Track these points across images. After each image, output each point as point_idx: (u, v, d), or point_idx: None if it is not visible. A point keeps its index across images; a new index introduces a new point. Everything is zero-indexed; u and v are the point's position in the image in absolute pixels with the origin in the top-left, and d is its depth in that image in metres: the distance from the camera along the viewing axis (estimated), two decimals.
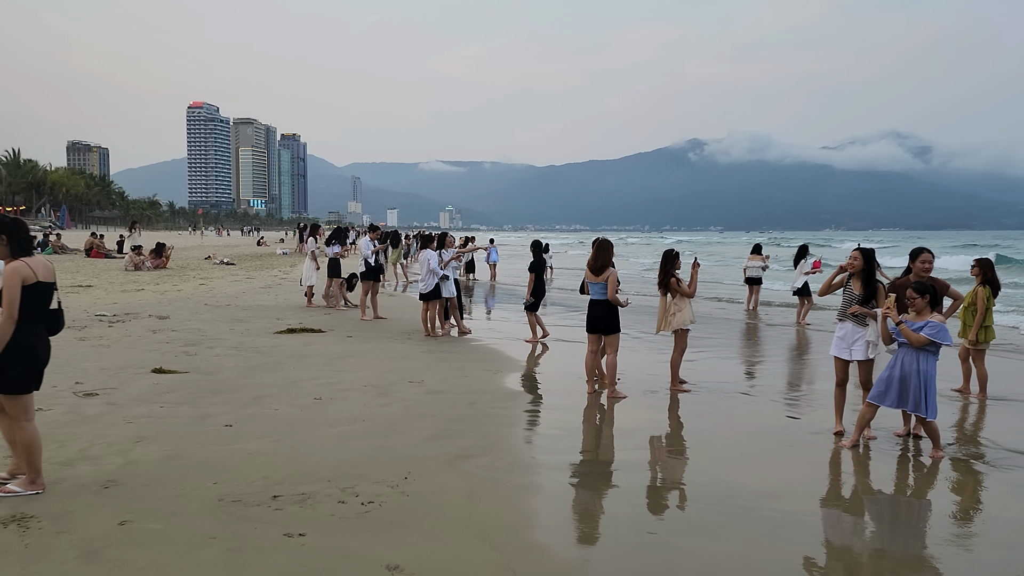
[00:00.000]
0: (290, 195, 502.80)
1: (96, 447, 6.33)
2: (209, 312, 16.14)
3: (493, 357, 11.85)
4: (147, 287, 21.55)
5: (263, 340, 12.53)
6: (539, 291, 13.59)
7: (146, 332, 13.01)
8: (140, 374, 9.40)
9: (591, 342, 9.32)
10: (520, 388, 9.49)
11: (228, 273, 28.23)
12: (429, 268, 13.61)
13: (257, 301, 18.66)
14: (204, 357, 10.78)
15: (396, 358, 11.31)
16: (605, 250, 9.05)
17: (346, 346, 12.25)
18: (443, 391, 9.07)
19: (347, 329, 14.33)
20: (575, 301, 21.71)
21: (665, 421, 8.20)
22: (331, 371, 10.08)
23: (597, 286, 9.03)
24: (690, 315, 9.61)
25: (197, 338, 12.51)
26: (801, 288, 17.12)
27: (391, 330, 14.43)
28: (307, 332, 13.60)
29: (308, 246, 18.03)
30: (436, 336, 13.70)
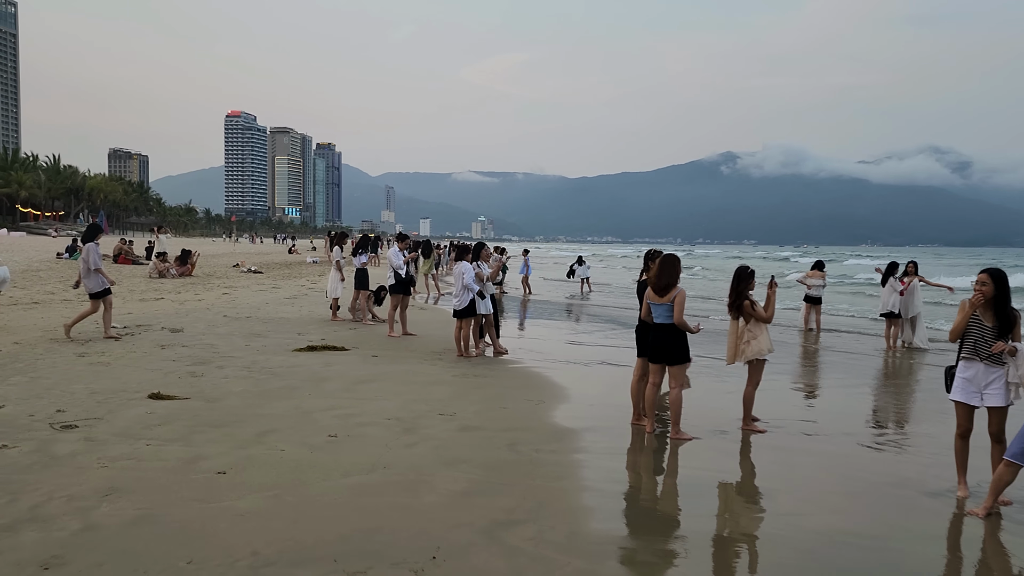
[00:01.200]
0: (324, 204, 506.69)
1: (54, 502, 5.15)
2: (226, 325, 15.05)
3: (533, 383, 10.55)
4: (168, 296, 20.59)
5: (279, 359, 11.37)
6: None
7: (154, 348, 11.91)
8: (134, 400, 8.25)
9: (653, 372, 7.99)
10: (567, 424, 8.18)
11: (254, 282, 27.29)
12: (464, 283, 12.39)
13: (280, 313, 17.56)
14: (211, 379, 9.62)
15: (425, 383, 10.07)
16: (671, 267, 7.74)
17: (370, 367, 11.03)
18: (478, 427, 7.80)
19: (372, 347, 13.14)
20: (615, 316, 20.41)
21: (745, 472, 6.84)
22: (351, 399, 8.86)
23: (661, 308, 7.71)
24: (767, 343, 8.26)
25: (208, 355, 11.38)
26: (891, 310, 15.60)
27: (420, 349, 13.21)
28: (328, 350, 12.42)
29: (334, 255, 16.91)
30: (470, 357, 12.45)
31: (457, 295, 12.53)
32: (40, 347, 11.47)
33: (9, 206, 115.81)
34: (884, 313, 15.72)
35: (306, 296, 22.03)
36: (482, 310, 12.66)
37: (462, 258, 12.74)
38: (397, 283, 14.69)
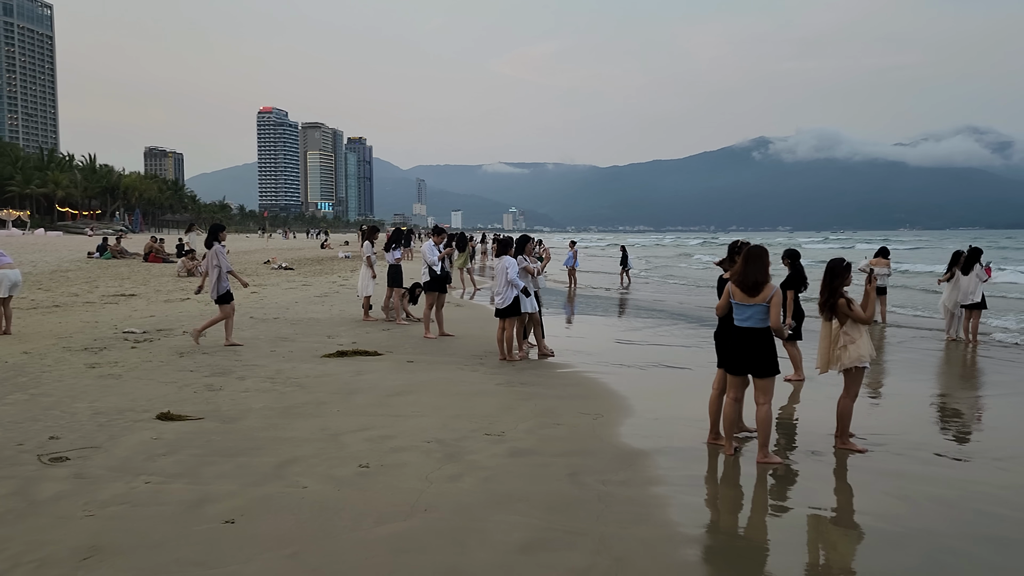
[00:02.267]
0: (356, 198, 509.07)
1: (20, 570, 4.16)
2: (252, 328, 14.13)
3: (587, 391, 9.44)
4: (194, 296, 19.76)
5: (307, 367, 10.38)
6: (799, 314, 10.41)
7: (172, 356, 11.00)
8: (140, 422, 7.28)
9: (733, 386, 6.84)
10: (633, 444, 7.06)
11: (284, 279, 26.48)
12: (508, 278, 11.30)
13: (309, 313, 16.64)
14: (229, 393, 8.65)
15: (467, 394, 9.00)
16: (759, 260, 6.56)
17: (405, 376, 10.00)
18: (532, 451, 6.71)
19: (408, 350, 12.12)
20: (660, 308, 19.20)
21: (851, 506, 5.67)
22: (385, 415, 7.82)
23: (750, 310, 6.54)
24: (868, 347, 7.06)
25: (229, 364, 10.43)
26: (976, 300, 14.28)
27: (459, 351, 12.16)
28: (360, 356, 11.41)
29: (364, 251, 15.90)
30: (514, 361, 11.37)
31: (500, 292, 11.46)
32: (50, 357, 10.60)
33: (47, 206, 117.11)
34: (968, 304, 14.35)
35: (337, 294, 21.11)
36: (527, 308, 11.59)
37: (505, 252, 11.65)
38: (432, 280, 13.67)
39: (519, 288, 11.28)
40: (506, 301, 11.30)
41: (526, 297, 11.48)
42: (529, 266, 11.69)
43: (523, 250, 11.98)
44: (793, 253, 10.56)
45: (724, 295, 6.85)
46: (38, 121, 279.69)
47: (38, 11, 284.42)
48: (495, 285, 11.74)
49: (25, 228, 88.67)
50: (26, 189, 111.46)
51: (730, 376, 6.81)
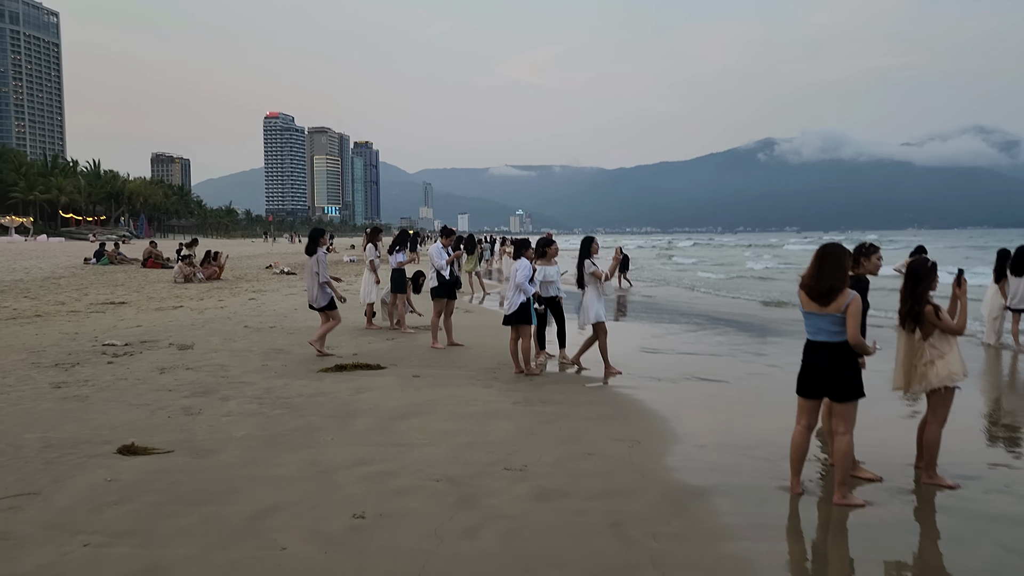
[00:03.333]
0: (363, 202, 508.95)
1: None
2: (245, 338, 13.03)
3: (619, 411, 8.29)
4: (188, 303, 18.71)
5: (300, 384, 9.26)
6: None
7: (151, 372, 9.89)
8: (96, 458, 6.17)
9: (805, 412, 5.68)
10: (685, 480, 5.92)
11: (285, 284, 25.40)
12: (516, 281, 10.18)
13: (308, 321, 15.52)
14: (208, 418, 7.53)
15: (480, 415, 7.87)
16: (836, 262, 5.39)
17: (411, 394, 8.86)
18: (562, 491, 5.58)
19: (413, 362, 11.00)
20: (675, 309, 17.97)
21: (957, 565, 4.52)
22: (386, 445, 6.69)
23: (824, 320, 5.38)
24: (959, 364, 5.90)
25: (213, 382, 9.32)
26: None
27: (470, 364, 11.02)
28: (361, 370, 10.29)
29: (368, 254, 14.77)
30: (531, 374, 10.22)
31: (509, 297, 10.33)
32: (13, 376, 9.50)
33: (50, 212, 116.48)
34: (1018, 307, 13.16)
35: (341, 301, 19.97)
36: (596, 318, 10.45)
37: (521, 254, 10.50)
38: (440, 286, 12.54)
39: (528, 293, 10.13)
40: (512, 306, 10.15)
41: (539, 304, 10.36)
42: (597, 270, 10.48)
43: (545, 254, 10.85)
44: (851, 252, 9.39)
45: None
46: (45, 128, 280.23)
47: (44, 19, 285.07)
48: (506, 289, 10.60)
49: (28, 234, 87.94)
50: (29, 195, 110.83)
51: (801, 399, 5.65)
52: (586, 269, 10.41)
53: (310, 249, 11.81)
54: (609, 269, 10.61)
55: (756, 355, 12.49)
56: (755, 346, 13.59)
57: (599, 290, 10.48)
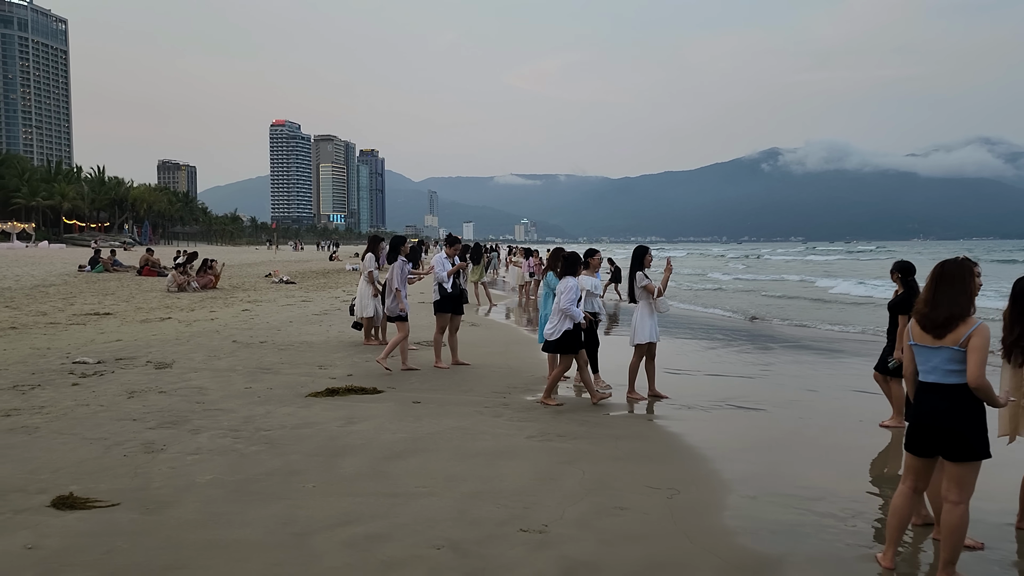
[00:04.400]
0: (368, 210, 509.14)
1: None
2: (231, 356, 11.94)
3: (650, 447, 7.18)
4: (177, 314, 17.64)
5: (285, 412, 8.16)
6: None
7: (119, 396, 8.80)
8: (24, 513, 5.07)
9: (912, 471, 4.49)
10: (746, 546, 4.80)
11: (284, 294, 24.33)
12: (560, 306, 8.76)
13: (303, 335, 14.45)
14: (171, 457, 6.43)
15: (490, 453, 6.76)
16: (958, 285, 4.21)
17: (409, 424, 7.76)
18: (593, 564, 4.46)
19: (414, 385, 9.90)
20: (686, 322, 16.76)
21: None
22: (378, 495, 5.59)
23: (938, 356, 4.20)
24: None
25: (187, 409, 8.22)
26: None
27: (478, 386, 9.91)
28: (354, 394, 9.19)
29: (366, 264, 13.66)
30: (548, 404, 9.01)
31: (555, 322, 8.93)
32: None
33: (53, 218, 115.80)
34: None
35: (338, 312, 18.91)
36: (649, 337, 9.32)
37: (573, 272, 9.05)
38: (442, 299, 11.42)
39: (577, 319, 8.79)
40: (556, 333, 8.88)
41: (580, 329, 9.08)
42: (650, 284, 9.30)
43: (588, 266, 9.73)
44: (906, 267, 8.27)
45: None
46: (52, 135, 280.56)
47: (53, 26, 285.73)
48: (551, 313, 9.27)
49: (30, 240, 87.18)
50: (32, 201, 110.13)
51: (908, 456, 4.49)
52: (638, 282, 9.28)
53: (390, 255, 11.58)
54: (662, 282, 9.49)
55: (789, 376, 11.39)
56: (782, 365, 12.49)
57: (652, 306, 9.35)
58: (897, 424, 8.17)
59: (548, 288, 10.26)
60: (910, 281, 8.19)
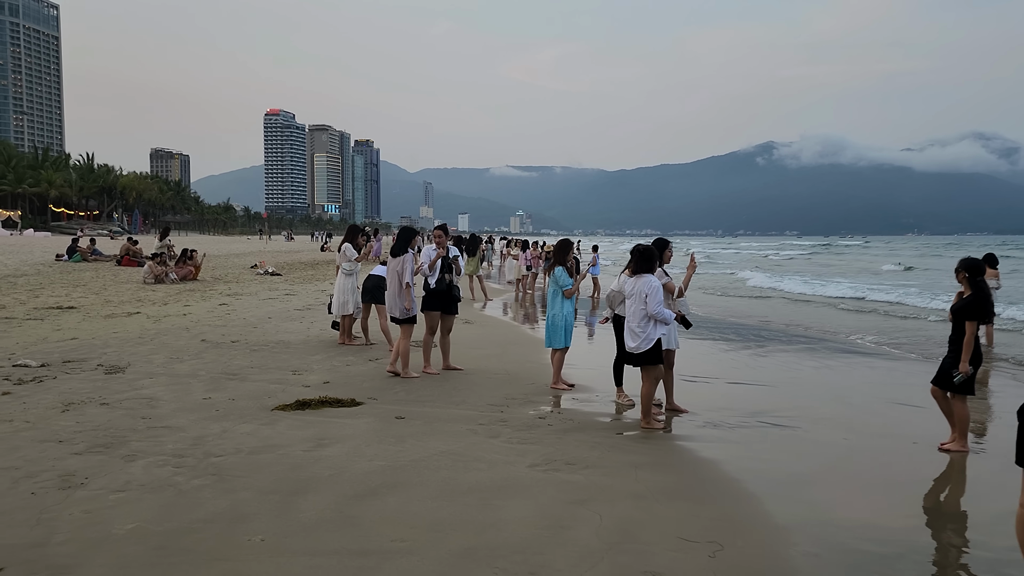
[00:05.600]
0: (363, 200, 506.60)
1: None
2: (198, 357, 10.70)
3: (677, 477, 5.98)
4: (148, 308, 16.38)
5: (244, 431, 6.93)
6: (977, 357, 6.90)
7: (52, 409, 7.56)
8: None
9: None
10: None
11: (267, 286, 23.06)
12: (649, 311, 7.47)
13: (280, 333, 13.22)
14: (90, 495, 5.20)
15: (485, 489, 5.55)
16: None
17: (389, 448, 6.54)
18: None
19: (399, 394, 8.69)
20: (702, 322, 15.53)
21: None
22: (342, 553, 4.38)
23: None
24: None
25: (128, 426, 6.99)
26: None
27: (472, 396, 8.69)
28: (328, 406, 7.96)
29: (346, 253, 12.35)
30: (654, 428, 7.65)
31: (637, 331, 7.61)
32: None
33: (40, 206, 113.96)
34: None
35: (323, 306, 17.65)
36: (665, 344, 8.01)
37: (649, 269, 7.73)
38: (428, 295, 10.16)
39: (669, 321, 7.57)
40: (647, 342, 7.51)
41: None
42: (670, 283, 8.13)
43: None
44: (975, 265, 7.06)
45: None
46: (44, 122, 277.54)
47: (44, 11, 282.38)
48: (628, 319, 7.83)
49: (15, 228, 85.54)
50: (18, 188, 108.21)
51: None
52: (657, 278, 8.08)
53: (398, 249, 9.82)
54: (684, 281, 8.28)
55: (815, 386, 10.21)
56: (808, 372, 11.29)
57: (672, 307, 8.13)
58: (960, 448, 7.00)
59: (557, 286, 9.06)
60: (979, 282, 7.00)
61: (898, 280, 35.99)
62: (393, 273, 9.78)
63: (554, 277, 9.05)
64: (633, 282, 7.74)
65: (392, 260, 9.79)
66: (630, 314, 7.75)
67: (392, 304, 9.75)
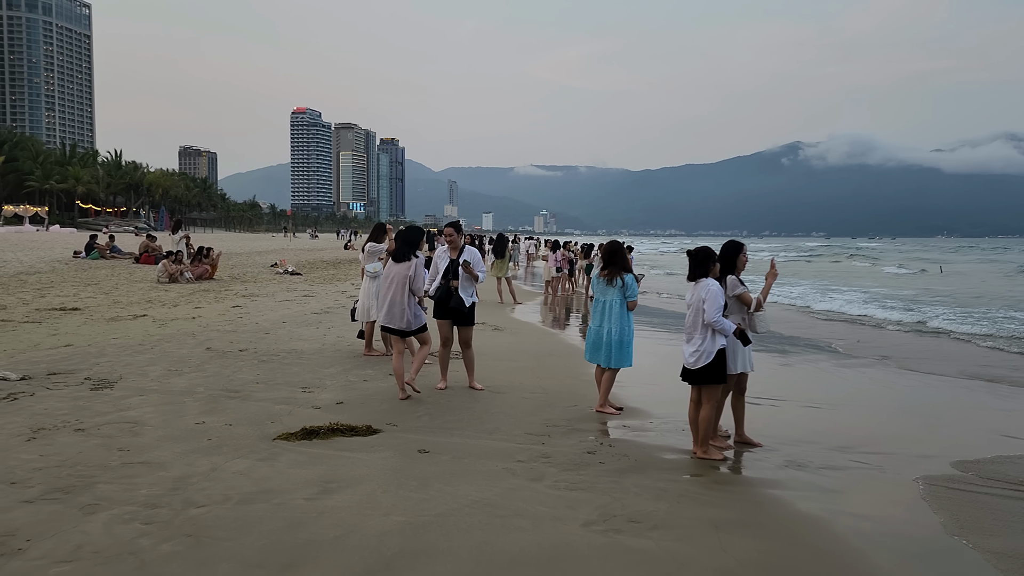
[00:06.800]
0: (388, 198, 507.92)
1: None
2: (200, 368, 9.58)
3: (784, 546, 4.71)
4: (157, 310, 15.35)
5: (237, 470, 5.76)
6: None
7: (17, 436, 6.43)
8: None
9: None
10: None
11: (285, 287, 22.02)
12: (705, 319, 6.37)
13: (294, 341, 12.09)
14: (23, 568, 4.05)
15: (533, 562, 4.33)
16: None
17: (411, 496, 5.34)
18: None
19: (421, 418, 7.50)
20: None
21: None
22: None
23: None
24: None
25: (99, 460, 5.85)
26: None
27: (505, 421, 7.47)
28: (341, 435, 6.78)
29: (368, 252, 11.15)
30: (714, 458, 6.50)
31: (692, 340, 6.51)
32: None
33: (67, 202, 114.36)
34: None
35: (341, 309, 16.56)
36: (739, 366, 6.81)
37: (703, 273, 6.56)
38: (437, 303, 8.88)
39: (728, 331, 6.37)
40: (707, 356, 6.39)
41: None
42: (746, 293, 6.85)
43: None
44: None
45: None
46: (75, 120, 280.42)
47: (76, 10, 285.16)
48: (685, 326, 6.68)
49: (42, 224, 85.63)
50: (45, 184, 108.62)
51: None
52: (730, 289, 6.82)
53: (401, 254, 8.26)
54: (763, 291, 7.02)
55: (884, 401, 8.87)
56: (876, 388, 9.95)
57: (746, 323, 6.87)
58: None
59: (622, 296, 7.82)
60: None
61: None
62: (397, 280, 8.17)
63: (618, 286, 7.80)
64: (691, 289, 6.62)
65: (396, 266, 8.21)
66: (687, 325, 6.57)
67: (396, 314, 8.19)
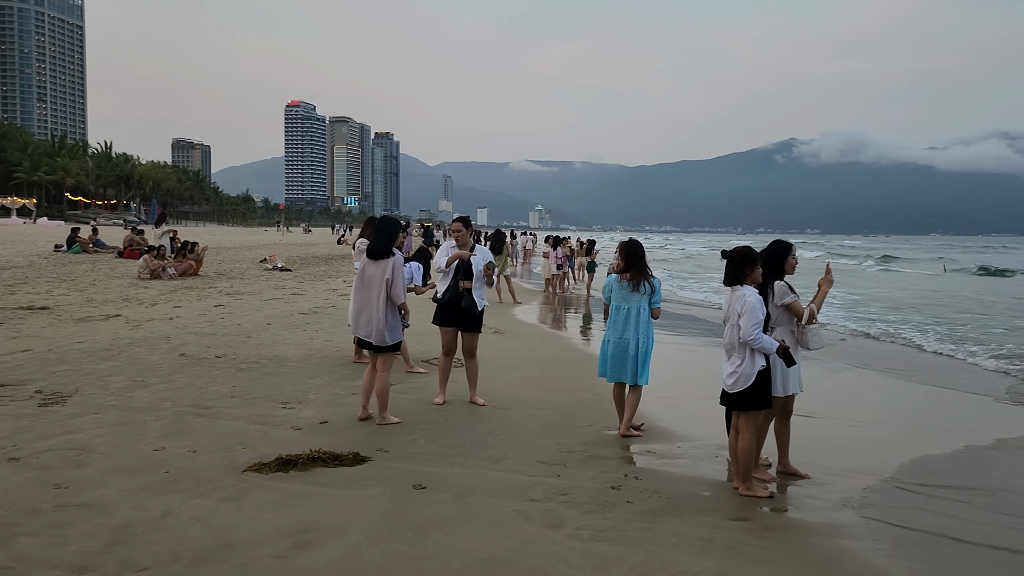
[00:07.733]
0: (383, 193, 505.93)
1: None
2: (169, 379, 8.57)
3: None
4: (132, 309, 14.32)
5: (193, 515, 4.76)
6: None
7: None
8: None
9: None
10: None
11: (273, 284, 20.98)
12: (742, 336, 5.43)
13: (278, 346, 11.07)
14: None
15: None
16: None
17: (407, 552, 4.35)
18: None
19: (417, 442, 6.51)
20: None
21: None
22: None
23: None
24: None
25: (27, 503, 4.84)
26: None
27: (513, 447, 6.48)
28: (323, 465, 5.79)
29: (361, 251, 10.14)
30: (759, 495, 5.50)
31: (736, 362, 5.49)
32: None
33: (56, 194, 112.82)
34: None
35: (332, 309, 15.55)
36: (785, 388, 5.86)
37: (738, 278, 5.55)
38: (440, 307, 7.91)
39: (770, 350, 5.40)
40: (747, 379, 5.41)
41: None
42: (797, 303, 5.82)
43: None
44: None
45: None
46: (67, 111, 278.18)
47: (69, 1, 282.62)
48: (724, 341, 5.67)
49: (30, 217, 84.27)
50: (33, 176, 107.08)
51: None
52: (778, 298, 5.83)
53: (379, 250, 7.04)
54: (816, 300, 6.02)
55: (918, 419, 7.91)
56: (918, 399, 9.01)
57: (795, 336, 5.89)
58: None
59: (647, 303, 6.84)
60: None
61: None
62: (373, 282, 7.01)
63: (645, 291, 6.80)
64: (727, 297, 5.65)
65: (372, 265, 7.05)
66: (725, 341, 5.60)
67: (363, 321, 7.04)
